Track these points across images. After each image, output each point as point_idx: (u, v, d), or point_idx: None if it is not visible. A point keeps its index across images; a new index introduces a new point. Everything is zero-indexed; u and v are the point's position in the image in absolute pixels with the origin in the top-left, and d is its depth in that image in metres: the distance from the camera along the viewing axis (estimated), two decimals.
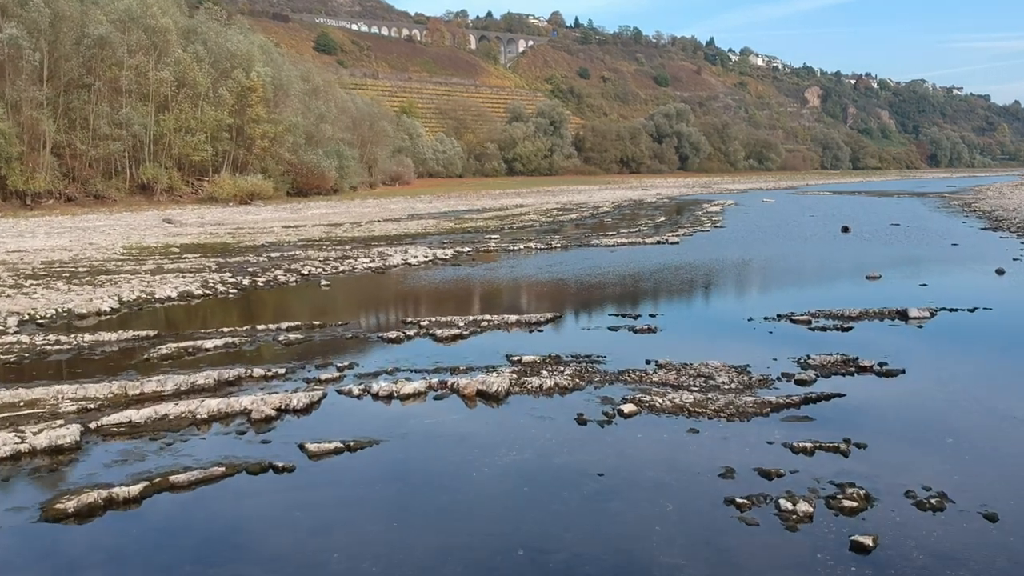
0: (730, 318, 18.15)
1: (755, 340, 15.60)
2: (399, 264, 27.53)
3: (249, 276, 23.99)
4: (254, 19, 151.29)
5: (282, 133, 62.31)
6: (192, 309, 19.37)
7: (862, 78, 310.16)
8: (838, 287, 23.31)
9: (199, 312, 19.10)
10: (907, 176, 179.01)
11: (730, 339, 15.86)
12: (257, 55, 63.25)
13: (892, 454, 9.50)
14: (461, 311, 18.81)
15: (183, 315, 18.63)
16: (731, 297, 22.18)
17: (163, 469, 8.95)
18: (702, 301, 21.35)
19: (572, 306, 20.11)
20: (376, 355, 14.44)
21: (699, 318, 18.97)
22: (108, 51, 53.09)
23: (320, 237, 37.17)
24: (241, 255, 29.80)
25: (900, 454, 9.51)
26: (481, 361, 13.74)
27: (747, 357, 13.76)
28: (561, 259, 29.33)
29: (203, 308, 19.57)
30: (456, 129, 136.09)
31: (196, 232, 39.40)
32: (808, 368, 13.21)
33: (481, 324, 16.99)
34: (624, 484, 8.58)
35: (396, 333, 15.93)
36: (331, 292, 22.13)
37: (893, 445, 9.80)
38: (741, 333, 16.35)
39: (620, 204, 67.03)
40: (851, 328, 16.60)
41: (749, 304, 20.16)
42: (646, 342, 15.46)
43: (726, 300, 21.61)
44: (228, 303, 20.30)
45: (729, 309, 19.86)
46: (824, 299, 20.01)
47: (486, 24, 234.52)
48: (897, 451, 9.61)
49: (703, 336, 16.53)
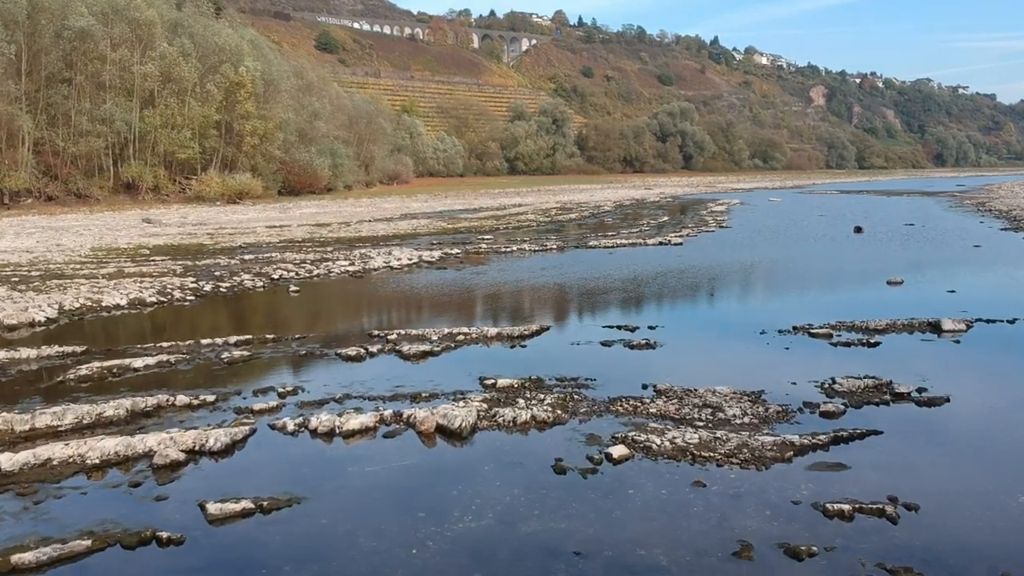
0: (740, 331, 16.04)
1: (770, 359, 13.55)
2: (380, 267, 25.51)
3: (213, 281, 21.97)
4: (255, 17, 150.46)
5: (272, 130, 60.22)
6: (138, 319, 17.34)
7: (867, 77, 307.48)
8: (858, 294, 21.21)
9: (144, 323, 17.07)
10: (914, 175, 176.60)
11: (741, 357, 13.80)
12: (247, 49, 61.17)
13: (952, 518, 7.45)
14: (437, 322, 16.79)
15: (125, 327, 16.60)
16: (740, 306, 19.94)
17: (9, 543, 6.91)
18: (708, 311, 19.17)
19: (562, 316, 18.08)
20: (329, 377, 12.41)
21: (705, 331, 16.69)
22: (90, 44, 51.06)
23: (303, 238, 35.15)
24: (213, 257, 27.80)
25: (962, 518, 7.46)
26: (450, 385, 11.72)
27: (761, 380, 11.71)
28: (555, 262, 27.29)
29: (151, 318, 17.54)
30: (457, 128, 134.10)
31: (175, 233, 37.40)
32: (834, 396, 11.16)
33: (457, 338, 14.95)
34: (607, 568, 6.53)
35: (357, 349, 13.88)
36: (299, 299, 20.10)
37: (951, 506, 7.74)
38: (753, 350, 14.29)
39: (622, 203, 64.93)
40: (878, 343, 14.53)
41: (761, 314, 18.08)
42: (644, 360, 13.41)
43: (735, 309, 19.34)
44: (180, 312, 18.25)
45: (738, 320, 17.69)
46: (844, 308, 17.97)
47: (489, 23, 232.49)
48: (958, 514, 7.55)
49: (709, 353, 14.44)
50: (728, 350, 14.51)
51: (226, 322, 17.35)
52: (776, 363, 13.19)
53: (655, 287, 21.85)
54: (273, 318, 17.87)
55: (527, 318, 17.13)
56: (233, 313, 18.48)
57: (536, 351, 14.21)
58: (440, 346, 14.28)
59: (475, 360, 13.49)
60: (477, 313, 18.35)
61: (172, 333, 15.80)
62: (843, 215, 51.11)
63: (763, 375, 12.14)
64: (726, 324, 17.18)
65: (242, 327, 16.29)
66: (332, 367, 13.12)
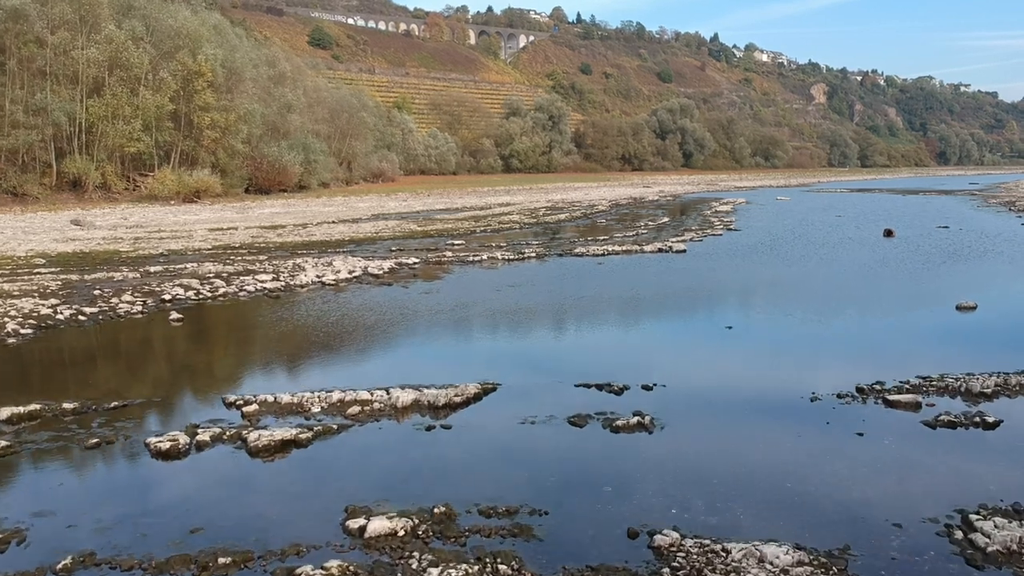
0: (779, 396, 10.78)
1: (838, 458, 8.34)
2: (309, 284, 20.33)
3: (81, 305, 16.80)
4: (247, 12, 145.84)
5: (234, 122, 54.78)
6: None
7: (868, 75, 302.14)
8: (922, 324, 15.95)
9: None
10: (920, 174, 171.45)
11: (792, 456, 8.55)
12: (206, 35, 55.73)
13: None
14: (335, 375, 11.63)
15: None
16: (771, 348, 14.09)
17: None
18: (726, 356, 13.49)
19: (518, 365, 12.77)
20: (92, 502, 7.25)
21: (725, 395, 11.04)
22: (24, 26, 45.69)
23: (241, 243, 29.90)
24: (116, 269, 22.61)
25: None
26: (285, 528, 6.61)
27: (837, 514, 6.62)
28: (530, 275, 22.14)
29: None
30: (451, 124, 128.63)
31: (99, 237, 32.14)
32: (984, 565, 6.00)
33: (349, 410, 9.78)
34: None
35: (176, 439, 8.67)
36: (173, 333, 14.90)
37: None
38: (807, 437, 9.08)
39: (618, 203, 59.68)
40: (997, 423, 9.32)
41: (803, 362, 12.85)
42: (633, 463, 8.24)
43: (764, 354, 13.61)
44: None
45: (772, 373, 12.32)
46: (913, 349, 12.93)
47: (486, 19, 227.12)
48: None
49: (739, 447, 8.94)
50: (768, 439, 9.11)
51: (33, 377, 12.15)
52: (851, 469, 8.00)
53: (652, 316, 16.70)
54: (105, 369, 12.67)
55: (466, 368, 11.95)
56: (57, 359, 13.22)
57: (463, 439, 9.01)
58: (315, 427, 9.12)
59: (356, 461, 8.36)
60: (398, 359, 13.14)
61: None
62: (862, 216, 45.90)
63: (837, 501, 7.00)
64: (756, 381, 11.71)
65: (44, 385, 11.15)
66: (113, 479, 7.99)
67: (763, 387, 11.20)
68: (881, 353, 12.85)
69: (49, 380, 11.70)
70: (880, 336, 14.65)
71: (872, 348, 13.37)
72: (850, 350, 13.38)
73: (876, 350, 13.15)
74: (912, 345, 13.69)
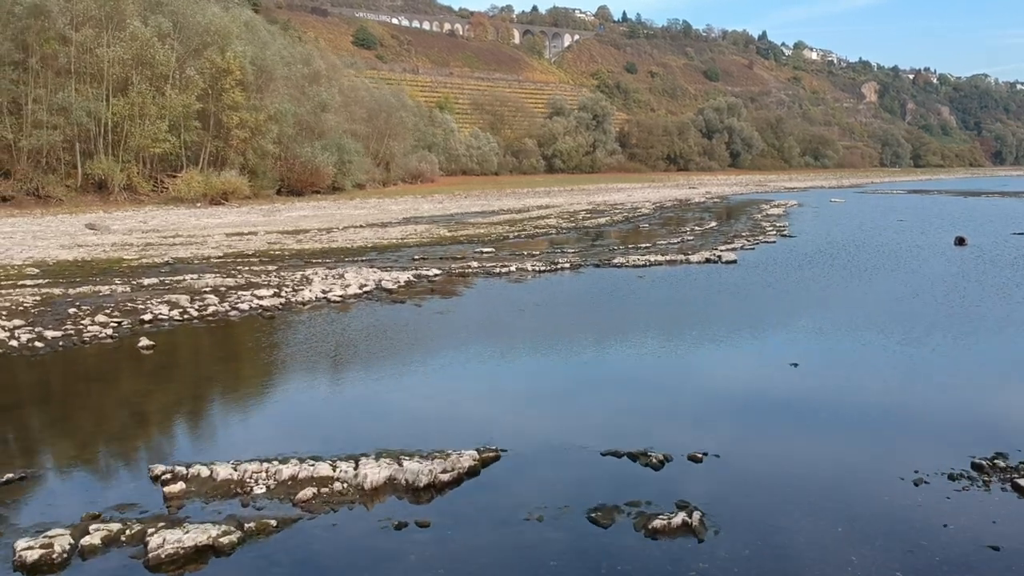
0: (868, 473, 8.13)
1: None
2: (313, 299, 18.11)
3: (44, 327, 14.73)
4: (292, 12, 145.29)
5: (264, 122, 52.87)
6: None
7: (921, 73, 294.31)
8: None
9: None
10: (976, 174, 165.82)
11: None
12: (236, 32, 53.91)
13: None
14: (298, 433, 9.29)
15: None
16: (848, 395, 11.30)
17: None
18: (794, 409, 10.83)
19: (528, 421, 10.20)
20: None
21: (795, 471, 8.49)
22: (46, 22, 44.14)
23: (255, 251, 27.84)
24: (108, 282, 20.60)
25: None
26: None
27: None
28: (561, 289, 19.72)
29: None
30: (493, 124, 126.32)
31: (108, 243, 30.29)
32: None
33: (299, 493, 7.44)
34: None
35: (51, 544, 6.38)
36: (134, 366, 12.70)
37: None
38: (920, 553, 6.51)
39: (663, 205, 56.96)
40: None
41: (892, 418, 10.17)
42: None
43: (842, 407, 10.74)
44: None
45: (856, 436, 9.48)
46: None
47: (531, 18, 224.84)
48: None
49: (822, 558, 6.46)
50: (866, 557, 6.58)
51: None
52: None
53: (699, 348, 14.19)
54: (21, 421, 10.43)
55: (465, 423, 9.55)
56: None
57: (440, 548, 6.60)
58: (248, 523, 6.79)
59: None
60: (381, 411, 10.69)
61: None
62: (926, 220, 42.75)
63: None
64: (835, 447, 9.07)
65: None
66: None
67: (847, 460, 8.55)
68: (993, 406, 10.23)
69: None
70: (985, 378, 11.94)
71: (979, 398, 10.72)
72: (950, 401, 10.73)
73: (985, 401, 10.52)
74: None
